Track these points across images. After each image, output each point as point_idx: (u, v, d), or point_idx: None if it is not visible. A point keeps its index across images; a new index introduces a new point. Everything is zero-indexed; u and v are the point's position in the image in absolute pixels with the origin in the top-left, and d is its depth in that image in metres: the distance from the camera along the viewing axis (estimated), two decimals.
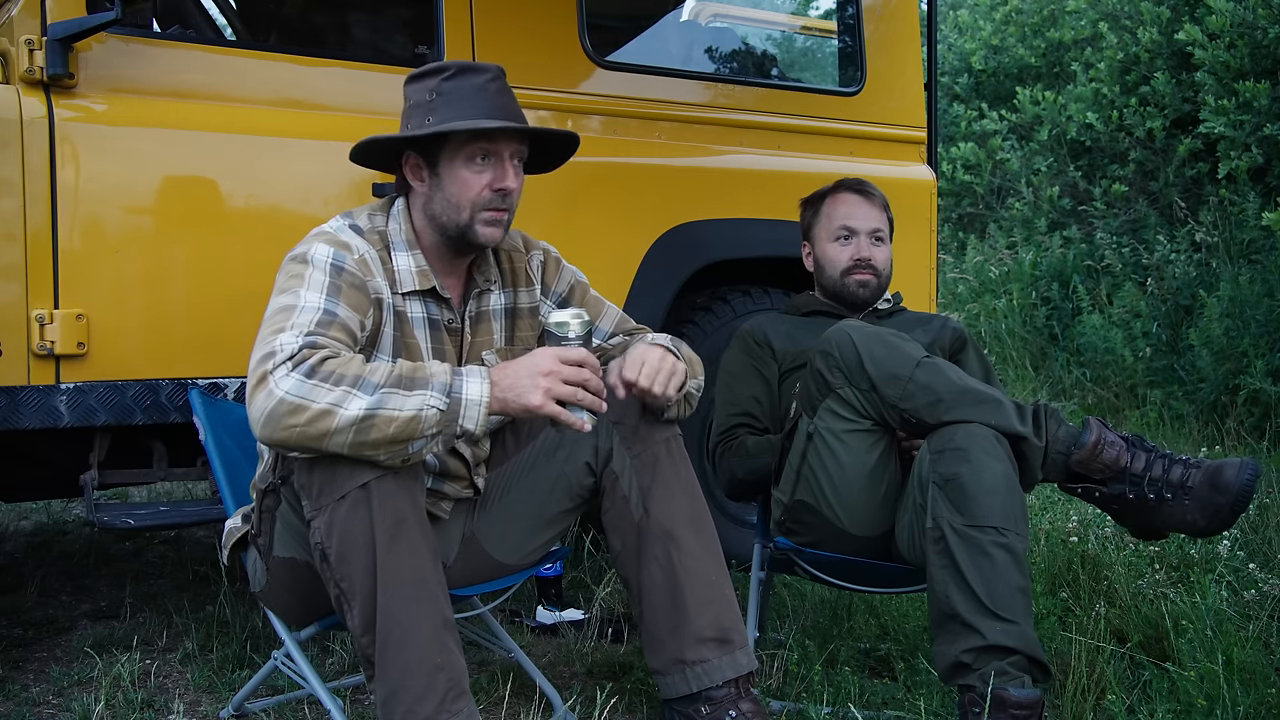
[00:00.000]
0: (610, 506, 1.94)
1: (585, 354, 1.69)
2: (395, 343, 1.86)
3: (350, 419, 1.58)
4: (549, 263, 2.07)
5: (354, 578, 1.66)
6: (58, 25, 2.17)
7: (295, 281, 1.75)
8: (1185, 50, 5.82)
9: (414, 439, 1.61)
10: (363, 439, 1.59)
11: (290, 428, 1.58)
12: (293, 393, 1.58)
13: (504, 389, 1.66)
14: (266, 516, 1.84)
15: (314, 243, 1.81)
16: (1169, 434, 4.83)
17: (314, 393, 1.58)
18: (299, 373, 1.60)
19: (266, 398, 1.59)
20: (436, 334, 1.92)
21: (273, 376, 1.60)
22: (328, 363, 1.62)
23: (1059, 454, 2.01)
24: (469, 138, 1.84)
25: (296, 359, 1.61)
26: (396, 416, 1.59)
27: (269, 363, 1.62)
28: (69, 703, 2.18)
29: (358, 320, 1.76)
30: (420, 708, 1.65)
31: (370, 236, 1.87)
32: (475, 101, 1.83)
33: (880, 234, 2.49)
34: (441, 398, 1.62)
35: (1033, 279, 6.31)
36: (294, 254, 1.81)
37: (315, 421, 1.58)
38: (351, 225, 1.87)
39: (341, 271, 1.77)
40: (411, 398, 1.60)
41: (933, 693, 2.15)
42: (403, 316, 1.87)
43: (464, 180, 1.85)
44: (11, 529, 3.80)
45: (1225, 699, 1.94)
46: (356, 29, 3.41)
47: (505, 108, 1.86)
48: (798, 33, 4.50)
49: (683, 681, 1.88)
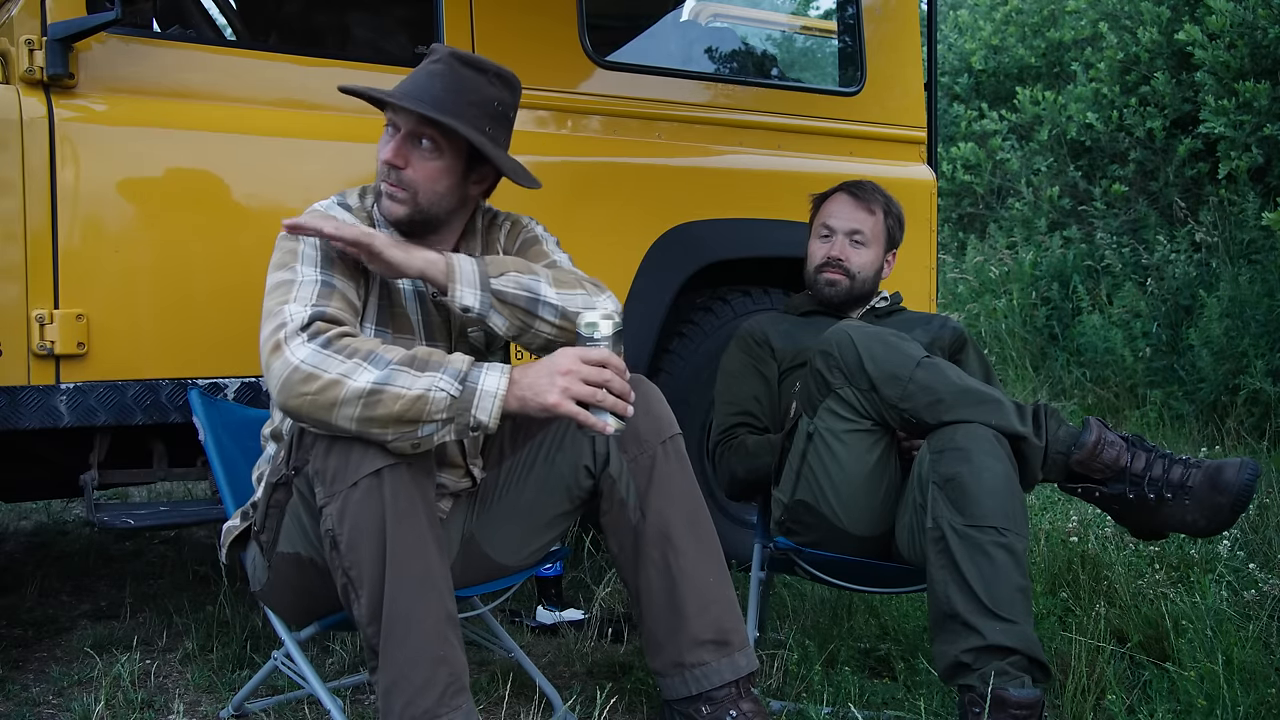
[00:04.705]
0: (608, 510, 1.94)
1: (608, 355, 1.69)
2: (381, 311, 1.89)
3: (358, 390, 1.60)
4: (513, 229, 2.07)
5: (363, 565, 1.67)
6: (58, 25, 2.17)
7: (289, 257, 1.80)
8: (1185, 50, 5.82)
9: (422, 421, 1.63)
10: (370, 414, 1.61)
11: (302, 395, 1.62)
12: (308, 361, 1.63)
13: (523, 386, 1.67)
14: (274, 510, 1.84)
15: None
16: (1169, 434, 4.83)
17: (327, 362, 1.63)
18: (315, 343, 1.65)
19: (283, 365, 1.64)
20: (425, 305, 1.94)
21: (288, 345, 1.66)
22: (345, 338, 1.67)
23: (1059, 454, 2.01)
24: (393, 111, 1.88)
25: (311, 329, 1.67)
26: (404, 394, 1.61)
27: (281, 331, 1.67)
28: (69, 703, 2.18)
29: (353, 289, 1.81)
30: (421, 700, 1.66)
31: (358, 213, 1.92)
32: (412, 80, 1.88)
33: (859, 236, 2.48)
34: (453, 383, 1.63)
35: (1033, 279, 6.31)
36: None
37: (325, 391, 1.61)
38: (341, 203, 1.93)
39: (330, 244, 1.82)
40: (421, 378, 1.62)
41: (933, 693, 2.15)
42: (391, 287, 1.91)
43: (379, 149, 1.90)
44: (11, 529, 3.81)
45: (1225, 699, 1.94)
46: (356, 29, 3.41)
47: (426, 89, 1.84)
48: (798, 33, 4.50)
49: (682, 684, 1.88)
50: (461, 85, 1.87)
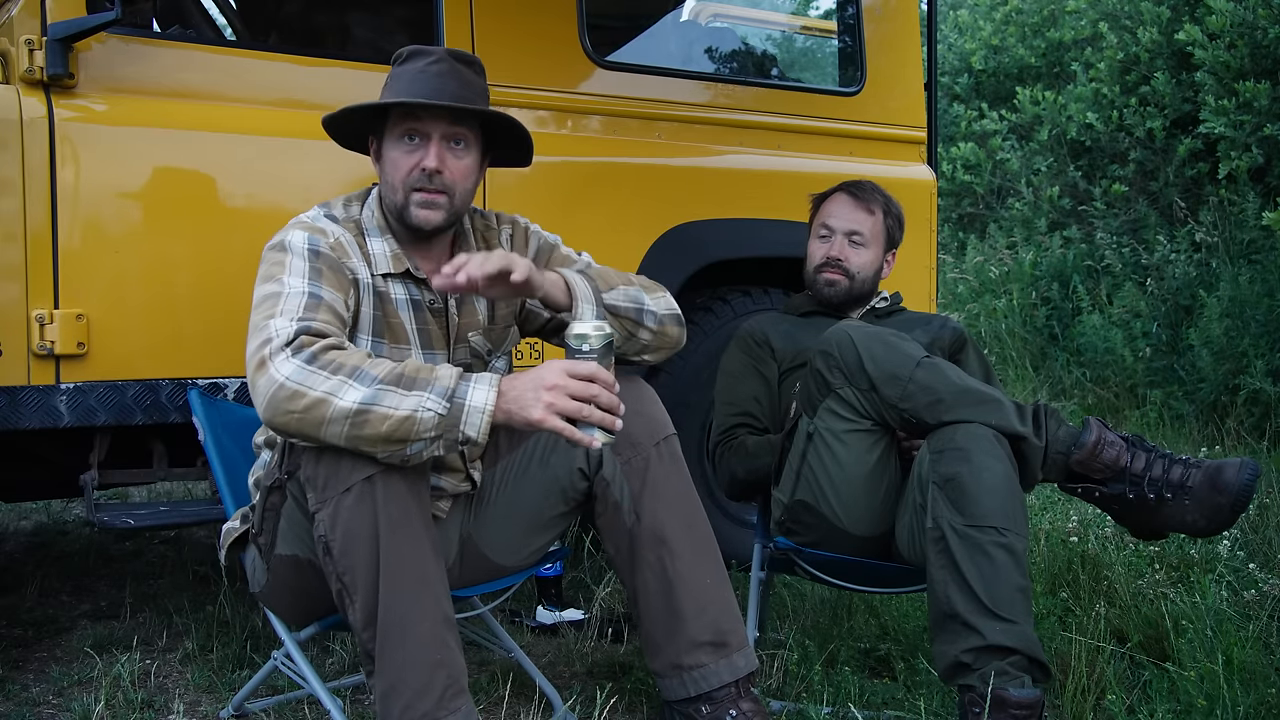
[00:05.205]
0: (603, 512, 1.93)
1: (596, 369, 1.65)
2: (376, 322, 1.88)
3: (344, 410, 1.58)
4: (517, 234, 2.07)
5: (357, 571, 1.66)
6: (58, 25, 2.17)
7: (277, 269, 1.78)
8: (1185, 50, 5.82)
9: (410, 440, 1.61)
10: (357, 433, 1.59)
11: (289, 413, 1.60)
12: (292, 378, 1.60)
13: (509, 400, 1.64)
14: (270, 514, 1.84)
15: (290, 231, 1.84)
16: (1169, 434, 4.83)
17: (312, 379, 1.60)
18: (300, 358, 1.62)
19: (268, 382, 1.62)
20: (420, 314, 1.93)
21: (272, 361, 1.62)
22: (330, 352, 1.63)
23: (1059, 454, 2.01)
24: (400, 118, 1.86)
25: (295, 344, 1.63)
26: (390, 415, 1.59)
27: (266, 348, 1.64)
28: (69, 703, 2.18)
29: (341, 300, 1.79)
30: (419, 703, 1.65)
31: (345, 223, 1.90)
32: (413, 82, 1.85)
33: (858, 237, 2.47)
34: (441, 401, 1.60)
35: (1033, 279, 6.31)
36: (272, 243, 1.84)
37: (311, 410, 1.59)
38: (327, 214, 1.91)
39: (319, 255, 1.80)
40: (408, 398, 1.60)
41: (933, 693, 2.15)
42: (385, 297, 1.89)
43: (395, 160, 1.87)
44: (11, 529, 3.80)
45: (1225, 699, 1.94)
46: (356, 29, 3.41)
47: (441, 89, 1.84)
48: (798, 33, 4.50)
49: (680, 686, 1.88)
50: (470, 80, 1.88)
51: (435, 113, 1.84)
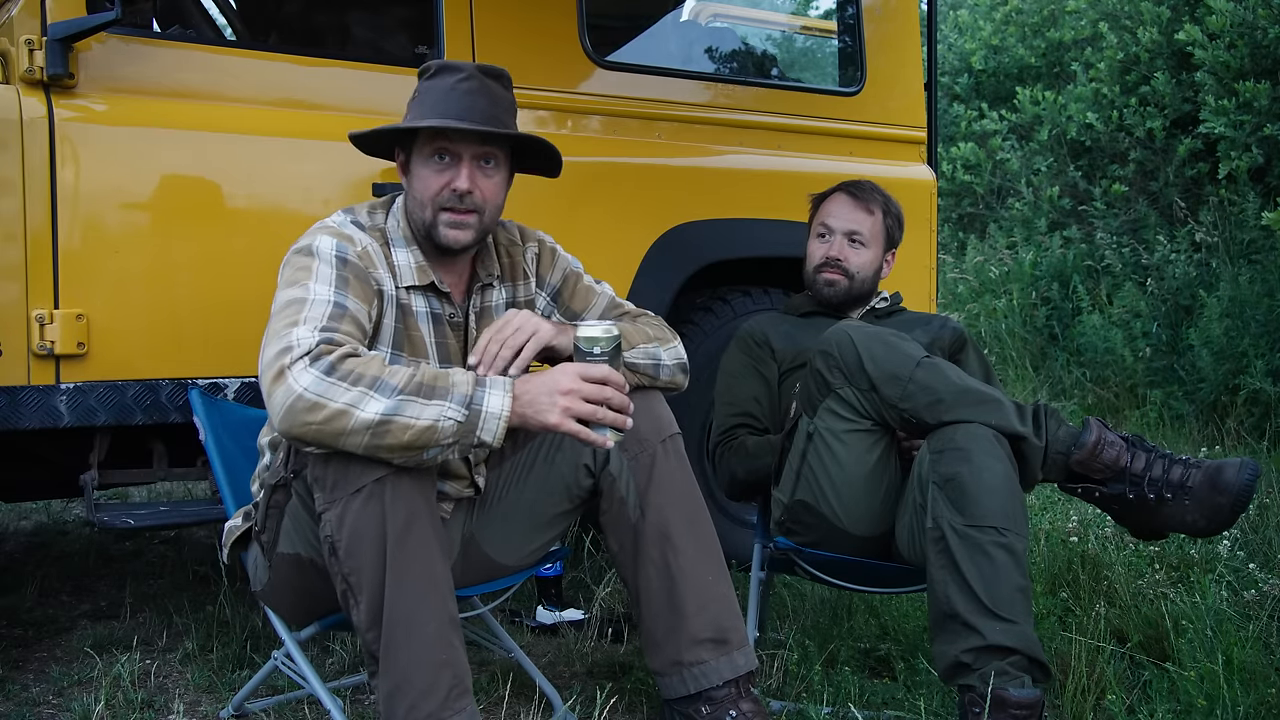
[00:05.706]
0: (608, 508, 1.94)
1: (608, 371, 1.69)
2: (397, 334, 1.87)
3: (366, 422, 1.58)
4: (543, 254, 2.08)
5: (363, 572, 1.67)
6: (58, 25, 2.17)
7: (303, 274, 1.76)
8: (1185, 50, 5.82)
9: (429, 447, 1.62)
10: (378, 443, 1.60)
11: (308, 425, 1.59)
12: (311, 390, 1.59)
13: (524, 404, 1.66)
14: (274, 512, 1.84)
15: (318, 235, 1.83)
16: (1169, 434, 4.83)
17: (332, 391, 1.59)
18: (318, 369, 1.60)
19: (286, 393, 1.60)
20: (440, 329, 1.93)
21: (291, 371, 1.61)
22: (348, 361, 1.62)
23: (1059, 454, 2.01)
24: (430, 136, 1.86)
25: (315, 354, 1.62)
26: (413, 424, 1.59)
27: (286, 357, 1.62)
28: (69, 703, 2.18)
29: (365, 311, 1.78)
30: (424, 704, 1.66)
31: (371, 231, 1.89)
32: (443, 101, 1.85)
33: (858, 236, 2.48)
34: (460, 409, 1.62)
35: (1033, 279, 6.31)
36: (298, 246, 1.82)
37: (332, 421, 1.58)
38: (353, 220, 1.90)
39: (346, 263, 1.79)
40: (430, 407, 1.60)
41: (933, 693, 2.15)
42: (406, 309, 1.89)
43: (425, 179, 1.87)
44: (11, 529, 3.80)
45: (1225, 699, 1.94)
46: (356, 29, 3.41)
47: (472, 108, 1.84)
48: (798, 33, 4.50)
49: (680, 683, 1.88)
50: (498, 96, 1.89)
51: (467, 135, 1.84)
